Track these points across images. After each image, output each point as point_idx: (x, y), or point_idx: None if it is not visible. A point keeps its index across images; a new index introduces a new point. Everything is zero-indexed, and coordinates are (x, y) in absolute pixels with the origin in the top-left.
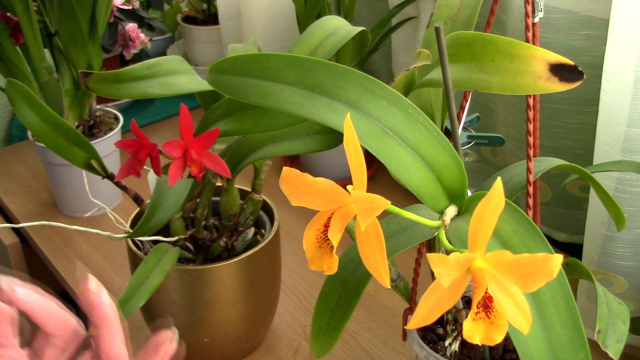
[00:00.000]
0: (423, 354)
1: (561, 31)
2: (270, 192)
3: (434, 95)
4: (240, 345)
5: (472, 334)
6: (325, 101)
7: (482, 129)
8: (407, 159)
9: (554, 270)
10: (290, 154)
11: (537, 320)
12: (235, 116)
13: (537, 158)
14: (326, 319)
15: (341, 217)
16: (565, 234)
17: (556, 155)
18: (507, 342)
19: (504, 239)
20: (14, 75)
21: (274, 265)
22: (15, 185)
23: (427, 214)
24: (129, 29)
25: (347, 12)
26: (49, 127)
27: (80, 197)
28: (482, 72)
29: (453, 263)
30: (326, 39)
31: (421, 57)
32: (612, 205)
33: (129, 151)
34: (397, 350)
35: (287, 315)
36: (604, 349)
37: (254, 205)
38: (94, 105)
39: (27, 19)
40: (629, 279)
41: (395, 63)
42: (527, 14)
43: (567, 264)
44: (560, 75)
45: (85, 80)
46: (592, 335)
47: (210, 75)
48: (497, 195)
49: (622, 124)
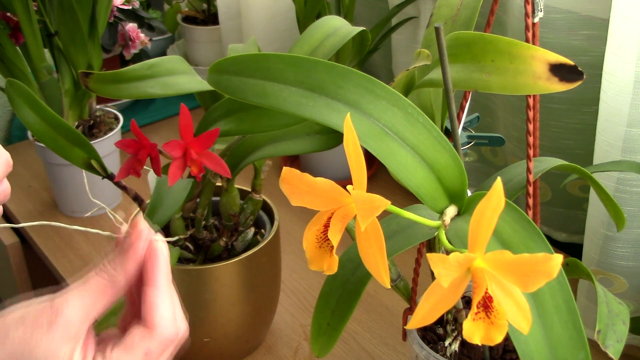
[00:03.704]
0: (423, 354)
1: (561, 31)
2: (270, 192)
3: (434, 95)
4: (240, 345)
5: (472, 334)
6: (325, 101)
7: (482, 129)
8: (407, 159)
9: (554, 270)
10: (290, 154)
11: (537, 320)
12: (235, 116)
13: (537, 158)
14: (326, 319)
15: (341, 217)
16: (565, 234)
17: (556, 155)
18: (507, 342)
19: (504, 239)
20: (14, 75)
21: (274, 265)
22: (15, 185)
23: (427, 214)
24: (129, 29)
25: (347, 12)
26: (49, 127)
27: (80, 197)
28: (482, 72)
29: (453, 263)
30: (326, 39)
31: (421, 57)
32: (612, 205)
33: (129, 151)
34: (397, 350)
35: (287, 315)
36: (604, 349)
37: (254, 205)
38: (94, 105)
39: (27, 19)
40: (629, 279)
41: (395, 63)
42: (527, 14)
43: (567, 264)
44: (560, 75)
45: (85, 80)
46: (592, 335)
47: (210, 75)
48: (497, 195)
49: (622, 124)
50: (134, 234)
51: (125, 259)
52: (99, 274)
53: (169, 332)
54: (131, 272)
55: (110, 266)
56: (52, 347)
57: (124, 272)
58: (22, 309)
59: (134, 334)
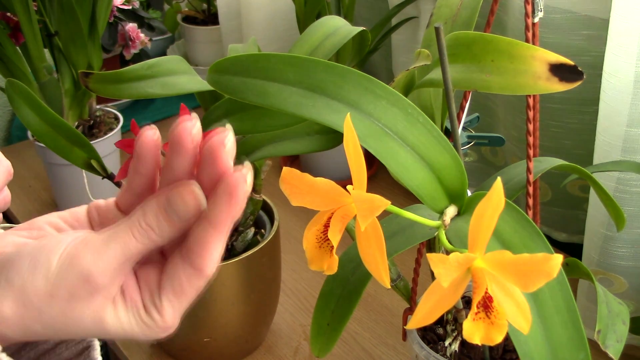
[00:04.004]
0: (423, 354)
1: (561, 31)
2: (270, 192)
3: (434, 95)
4: (240, 345)
5: (472, 334)
6: (325, 101)
7: (482, 129)
8: (407, 159)
9: (554, 270)
10: (290, 154)
11: (537, 320)
12: (235, 116)
13: (537, 158)
14: (326, 319)
15: (341, 217)
16: (565, 234)
17: (556, 155)
18: (507, 342)
19: (504, 239)
20: (14, 75)
21: (274, 265)
22: (15, 185)
23: (427, 214)
24: (129, 29)
25: (347, 12)
26: (49, 127)
27: (80, 197)
28: (482, 72)
29: (453, 263)
30: (326, 39)
31: (421, 57)
32: (612, 205)
33: (129, 151)
34: (397, 350)
35: (287, 315)
36: (604, 349)
37: (254, 205)
38: (94, 105)
39: (27, 19)
40: (629, 279)
41: (395, 63)
42: (527, 14)
43: (567, 264)
44: (560, 75)
45: (85, 80)
46: (592, 335)
47: (210, 75)
48: (497, 195)
49: (622, 124)
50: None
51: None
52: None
53: (213, 270)
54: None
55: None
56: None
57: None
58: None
59: (181, 276)
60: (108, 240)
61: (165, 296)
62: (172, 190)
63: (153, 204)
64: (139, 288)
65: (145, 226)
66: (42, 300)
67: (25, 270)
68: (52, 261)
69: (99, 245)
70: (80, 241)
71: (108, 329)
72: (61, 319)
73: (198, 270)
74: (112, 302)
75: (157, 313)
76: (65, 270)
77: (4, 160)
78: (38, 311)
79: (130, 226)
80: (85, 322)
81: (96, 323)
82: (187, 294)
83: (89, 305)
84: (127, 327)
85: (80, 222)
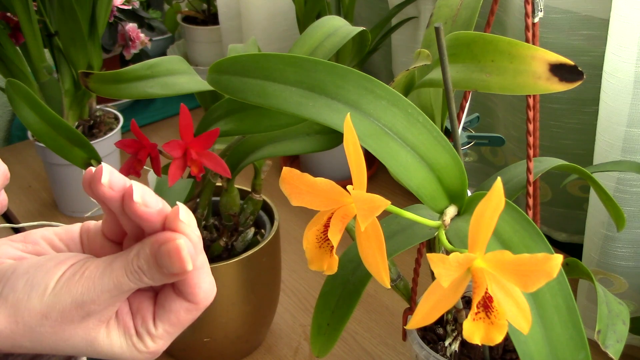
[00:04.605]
0: (423, 354)
1: (561, 31)
2: (270, 192)
3: (434, 95)
4: (240, 345)
5: (472, 334)
6: (325, 101)
7: (482, 129)
8: (407, 159)
9: (554, 270)
10: (290, 154)
11: (537, 320)
12: (235, 116)
13: (537, 158)
14: (326, 319)
15: (341, 217)
16: (565, 234)
17: (556, 155)
18: (507, 342)
19: (504, 239)
20: (14, 75)
21: (274, 265)
22: (15, 185)
23: (427, 214)
24: (129, 29)
25: (347, 12)
26: (49, 127)
27: (80, 197)
28: (482, 72)
29: (453, 263)
30: (326, 39)
31: (421, 57)
32: (612, 205)
33: (129, 151)
34: (397, 350)
35: (287, 315)
36: (604, 349)
37: (254, 205)
38: (94, 105)
39: (27, 19)
40: (629, 279)
41: (395, 63)
42: (527, 14)
43: (567, 264)
44: (560, 75)
45: (85, 80)
46: (592, 335)
47: (210, 75)
48: (497, 195)
49: (622, 124)
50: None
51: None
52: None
53: (209, 300)
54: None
55: (139, 261)
56: (88, 335)
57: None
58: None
59: (179, 309)
60: (103, 275)
61: (161, 326)
62: (160, 247)
63: (147, 249)
64: (132, 314)
65: (137, 269)
66: (35, 319)
67: (20, 288)
68: (49, 283)
69: (95, 277)
70: (79, 268)
71: (99, 350)
72: (52, 337)
73: (194, 304)
74: (106, 325)
75: (151, 340)
76: (60, 294)
77: (0, 164)
78: (29, 328)
79: (124, 265)
80: (75, 342)
81: (88, 343)
82: (184, 323)
83: (82, 327)
84: (117, 350)
85: (74, 241)
